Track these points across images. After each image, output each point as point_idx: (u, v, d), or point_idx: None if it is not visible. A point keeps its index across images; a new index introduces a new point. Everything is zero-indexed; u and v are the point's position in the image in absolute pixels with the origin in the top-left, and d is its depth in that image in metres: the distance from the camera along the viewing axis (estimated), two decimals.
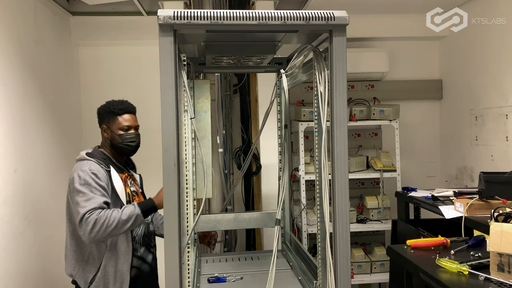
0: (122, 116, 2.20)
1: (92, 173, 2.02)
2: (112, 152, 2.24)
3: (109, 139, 2.21)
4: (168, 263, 1.38)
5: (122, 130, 2.19)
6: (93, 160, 2.10)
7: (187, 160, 1.91)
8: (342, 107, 1.47)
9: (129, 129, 2.21)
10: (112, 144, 2.22)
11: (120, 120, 2.20)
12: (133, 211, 2.01)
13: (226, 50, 1.82)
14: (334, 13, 1.44)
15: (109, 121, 2.21)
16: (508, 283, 1.60)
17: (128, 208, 2.03)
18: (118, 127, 2.19)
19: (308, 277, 1.96)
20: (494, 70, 3.12)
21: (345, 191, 1.47)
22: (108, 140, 2.22)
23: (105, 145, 2.24)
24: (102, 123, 2.25)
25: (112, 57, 3.59)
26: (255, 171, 3.45)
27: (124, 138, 2.19)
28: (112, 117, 2.20)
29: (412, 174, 3.76)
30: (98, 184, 2.01)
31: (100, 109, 2.26)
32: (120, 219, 1.96)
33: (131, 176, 2.33)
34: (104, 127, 2.23)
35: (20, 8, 2.67)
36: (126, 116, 2.21)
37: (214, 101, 3.46)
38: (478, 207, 2.20)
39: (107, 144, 2.23)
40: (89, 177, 2.00)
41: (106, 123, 2.22)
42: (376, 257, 3.41)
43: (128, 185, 2.22)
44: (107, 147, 2.24)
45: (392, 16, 3.59)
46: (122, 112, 2.21)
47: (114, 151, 2.23)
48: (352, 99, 3.66)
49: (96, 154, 2.16)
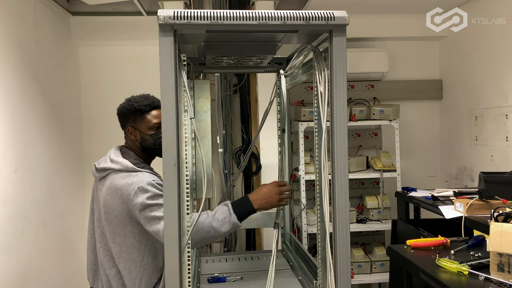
0: (150, 113, 1.94)
1: (158, 183, 1.78)
2: (143, 155, 1.98)
3: (139, 141, 1.94)
4: (168, 263, 1.38)
5: (153, 130, 1.92)
6: (148, 171, 1.84)
7: (187, 160, 1.91)
8: (342, 107, 1.47)
9: (159, 126, 1.89)
10: (143, 147, 1.95)
11: (149, 118, 1.93)
12: (227, 217, 1.73)
13: (226, 50, 1.81)
14: (334, 13, 1.43)
15: (136, 121, 1.94)
16: (508, 283, 1.60)
17: (221, 211, 1.75)
18: (148, 126, 1.92)
19: (308, 277, 1.96)
20: (494, 70, 3.12)
21: (345, 191, 1.47)
22: (137, 142, 1.94)
23: (134, 149, 1.96)
24: (126, 124, 1.96)
25: (112, 57, 3.59)
26: (255, 171, 3.45)
27: (157, 137, 1.90)
28: (139, 116, 1.93)
29: (412, 174, 3.76)
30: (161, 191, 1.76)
31: (122, 108, 1.98)
32: (211, 226, 1.71)
33: None
34: (130, 128, 1.95)
35: (20, 8, 2.67)
36: (154, 113, 1.94)
37: (214, 101, 3.46)
38: (478, 207, 2.20)
39: (135, 147, 1.96)
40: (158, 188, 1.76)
41: (132, 124, 1.94)
42: (376, 257, 3.41)
43: None
44: (136, 150, 1.96)
45: (392, 16, 3.59)
46: (149, 109, 1.94)
47: (145, 154, 1.98)
48: (352, 99, 3.66)
49: (140, 162, 1.90)
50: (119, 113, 1.99)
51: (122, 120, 1.98)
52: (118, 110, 1.99)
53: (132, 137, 1.95)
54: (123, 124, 1.98)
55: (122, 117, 1.98)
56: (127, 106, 1.95)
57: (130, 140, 1.96)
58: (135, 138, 1.94)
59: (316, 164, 1.77)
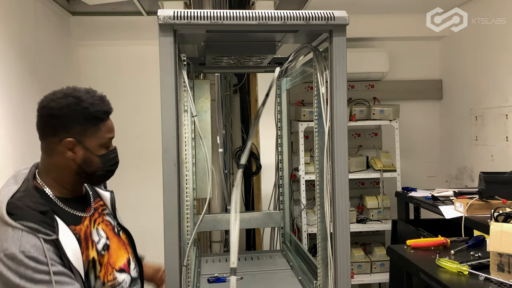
0: (106, 124, 1.32)
1: (27, 257, 1.11)
2: (71, 182, 1.31)
3: (78, 163, 1.28)
4: (168, 263, 1.38)
5: (104, 148, 1.32)
6: (19, 227, 1.14)
7: (187, 160, 1.91)
8: (342, 107, 1.47)
9: (110, 143, 1.36)
10: (80, 171, 1.29)
11: (104, 130, 1.31)
12: None
13: (226, 50, 1.82)
14: (334, 13, 1.43)
15: (84, 133, 1.27)
16: (508, 283, 1.60)
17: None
18: (100, 142, 1.30)
19: (308, 277, 1.96)
20: (494, 70, 3.12)
21: (345, 191, 1.47)
22: (75, 164, 1.28)
23: (60, 172, 1.29)
24: (62, 133, 1.26)
25: (112, 57, 3.59)
26: (255, 171, 3.45)
27: (108, 159, 1.33)
28: (91, 127, 1.28)
29: (412, 174, 3.76)
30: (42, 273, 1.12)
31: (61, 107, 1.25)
32: None
33: (98, 210, 1.41)
34: (69, 141, 1.25)
35: (20, 8, 2.67)
36: (110, 123, 1.34)
37: (214, 101, 3.46)
38: (478, 207, 2.20)
39: (66, 170, 1.29)
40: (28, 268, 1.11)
41: (76, 135, 1.26)
42: (376, 257, 3.41)
43: (92, 242, 1.30)
44: (63, 175, 1.30)
45: (392, 16, 3.59)
46: (106, 117, 1.33)
47: (75, 181, 1.32)
48: (352, 99, 3.66)
49: (26, 200, 1.20)
50: (51, 114, 1.26)
51: (53, 126, 1.26)
52: (49, 109, 1.27)
53: (69, 154, 1.26)
54: (53, 131, 1.26)
55: (55, 121, 1.26)
56: (74, 106, 1.26)
57: (62, 158, 1.27)
58: (72, 157, 1.27)
59: (316, 164, 1.77)
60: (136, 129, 3.54)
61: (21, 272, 1.11)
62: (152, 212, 3.27)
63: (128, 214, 3.48)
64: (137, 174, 3.52)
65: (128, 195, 3.52)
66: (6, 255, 1.11)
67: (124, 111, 3.58)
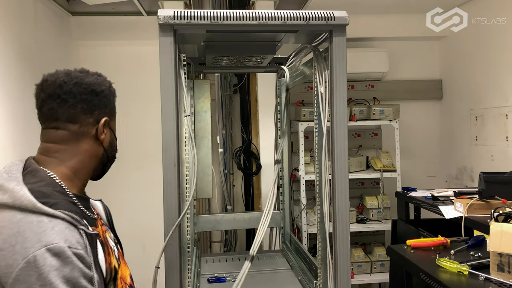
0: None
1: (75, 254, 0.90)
2: (90, 173, 1.14)
3: (105, 147, 1.14)
4: (168, 263, 1.38)
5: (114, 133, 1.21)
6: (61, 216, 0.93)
7: (187, 160, 1.91)
8: (342, 107, 1.47)
9: None
10: (104, 158, 1.16)
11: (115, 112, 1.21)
12: None
13: (226, 50, 1.82)
14: (334, 13, 1.44)
15: (113, 112, 1.18)
16: (508, 283, 1.60)
17: None
18: (115, 124, 1.21)
19: (308, 277, 1.96)
20: (494, 70, 3.12)
21: (345, 191, 1.47)
22: (102, 149, 1.13)
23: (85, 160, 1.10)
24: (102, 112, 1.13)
25: (112, 57, 3.59)
26: (255, 171, 3.45)
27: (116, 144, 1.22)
28: (114, 107, 1.19)
29: (412, 174, 3.76)
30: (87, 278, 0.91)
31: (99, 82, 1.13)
32: None
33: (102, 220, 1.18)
34: (106, 120, 1.13)
35: (20, 8, 2.67)
36: None
37: (214, 101, 3.46)
38: (478, 207, 2.20)
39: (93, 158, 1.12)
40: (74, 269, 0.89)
41: (109, 114, 1.15)
42: (376, 257, 3.40)
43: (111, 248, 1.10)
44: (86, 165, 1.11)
45: (392, 16, 3.59)
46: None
47: (93, 172, 1.15)
48: (352, 99, 3.66)
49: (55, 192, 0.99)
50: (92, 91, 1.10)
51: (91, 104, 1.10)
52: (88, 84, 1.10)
53: (103, 137, 1.13)
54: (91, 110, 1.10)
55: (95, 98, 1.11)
56: (107, 83, 1.16)
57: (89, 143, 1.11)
58: (106, 141, 1.14)
59: (316, 164, 1.77)
60: (136, 129, 3.54)
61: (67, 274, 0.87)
62: (152, 212, 3.28)
63: (128, 214, 3.50)
64: (137, 174, 3.52)
65: (128, 195, 3.53)
66: (49, 250, 0.86)
67: (124, 111, 3.57)
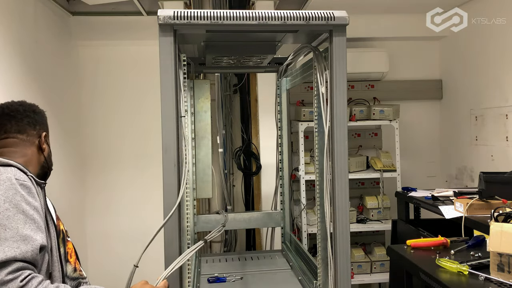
0: None
1: (21, 184, 1.25)
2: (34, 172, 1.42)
3: (45, 157, 1.48)
4: (168, 263, 1.38)
5: None
6: (14, 164, 1.31)
7: (187, 160, 1.91)
8: (342, 107, 1.47)
9: None
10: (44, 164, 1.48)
11: None
12: None
13: (226, 50, 1.82)
14: (334, 13, 1.44)
15: (47, 130, 1.53)
16: (508, 283, 1.60)
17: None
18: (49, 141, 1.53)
19: (308, 277, 1.96)
20: (494, 70, 3.12)
21: (345, 191, 1.47)
22: (43, 157, 1.47)
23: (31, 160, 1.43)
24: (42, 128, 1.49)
25: (112, 57, 3.59)
26: (255, 171, 3.45)
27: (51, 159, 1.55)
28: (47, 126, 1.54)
29: (412, 174, 3.76)
30: (31, 206, 1.23)
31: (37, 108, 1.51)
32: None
33: None
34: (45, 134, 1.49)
35: (20, 8, 2.67)
36: None
37: (214, 101, 3.46)
38: (478, 207, 2.20)
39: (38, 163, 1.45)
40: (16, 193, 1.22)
41: (47, 131, 1.51)
42: (376, 257, 3.41)
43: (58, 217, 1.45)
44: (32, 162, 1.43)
45: (392, 16, 3.59)
46: None
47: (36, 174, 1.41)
48: (352, 99, 3.66)
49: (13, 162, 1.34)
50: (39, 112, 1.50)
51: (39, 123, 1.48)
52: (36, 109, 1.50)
53: (44, 147, 1.47)
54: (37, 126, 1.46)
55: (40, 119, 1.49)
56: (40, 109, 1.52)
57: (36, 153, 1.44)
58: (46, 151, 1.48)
59: (316, 164, 1.77)
60: (136, 129, 3.54)
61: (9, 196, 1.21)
62: (152, 212, 3.28)
63: (128, 214, 3.50)
64: (137, 174, 3.52)
65: (128, 195, 3.53)
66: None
67: (124, 111, 3.59)
